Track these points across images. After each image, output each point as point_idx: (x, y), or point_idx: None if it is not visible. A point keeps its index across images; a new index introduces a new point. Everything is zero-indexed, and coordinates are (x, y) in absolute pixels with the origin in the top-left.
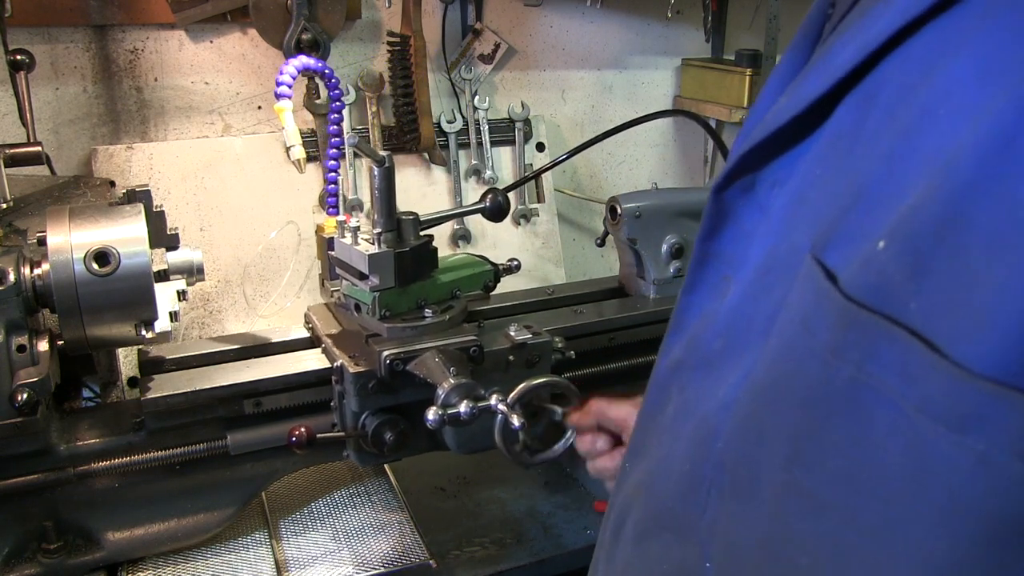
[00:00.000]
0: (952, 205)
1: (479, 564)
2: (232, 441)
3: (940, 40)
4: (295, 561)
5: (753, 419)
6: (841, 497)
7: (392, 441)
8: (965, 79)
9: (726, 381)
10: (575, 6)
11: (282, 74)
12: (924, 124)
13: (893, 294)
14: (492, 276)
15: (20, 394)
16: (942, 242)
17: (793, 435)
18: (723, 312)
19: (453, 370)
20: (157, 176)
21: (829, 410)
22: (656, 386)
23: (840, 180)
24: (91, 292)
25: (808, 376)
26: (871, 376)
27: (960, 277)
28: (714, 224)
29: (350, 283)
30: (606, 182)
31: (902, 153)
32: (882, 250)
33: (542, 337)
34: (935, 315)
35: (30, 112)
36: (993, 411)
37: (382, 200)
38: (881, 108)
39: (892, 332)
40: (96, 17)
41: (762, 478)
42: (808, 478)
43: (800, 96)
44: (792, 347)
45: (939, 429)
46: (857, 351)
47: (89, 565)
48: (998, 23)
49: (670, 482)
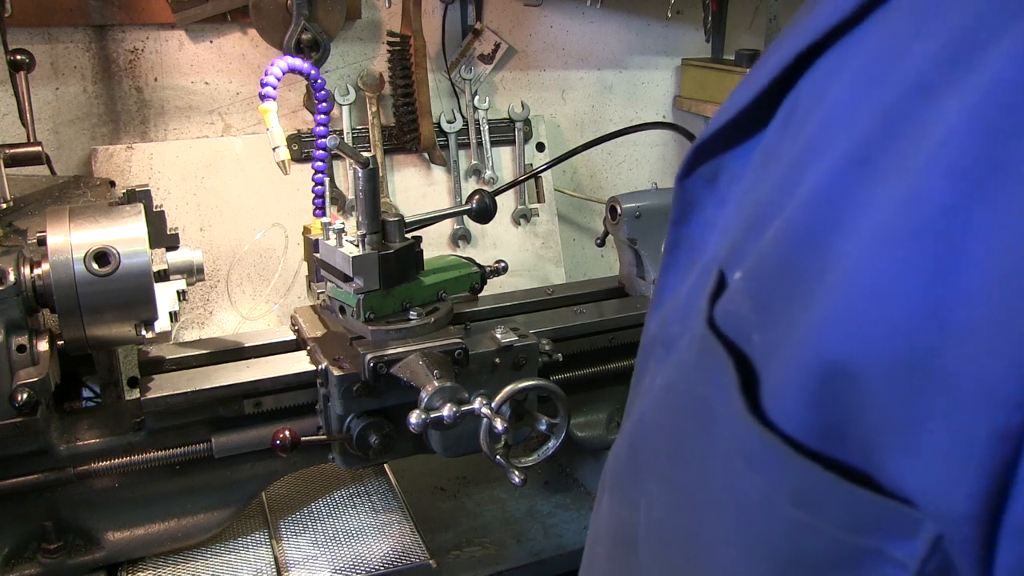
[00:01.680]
0: (791, 247)
1: (479, 564)
2: (216, 444)
3: (833, 63)
4: (295, 561)
5: (655, 411)
6: (695, 503)
7: (377, 444)
8: (842, 108)
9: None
10: (575, 6)
11: (267, 75)
12: (807, 157)
13: (741, 325)
14: (479, 278)
15: (20, 394)
16: (780, 284)
17: (675, 436)
18: (682, 298)
19: (437, 373)
20: (157, 176)
21: (690, 423)
22: (640, 355)
23: (752, 194)
24: (91, 292)
25: (680, 387)
26: (712, 400)
27: (785, 321)
28: (682, 211)
29: (335, 285)
30: (606, 182)
31: (788, 184)
32: (738, 281)
33: (528, 339)
34: (767, 352)
35: (30, 112)
36: (771, 458)
37: (366, 202)
38: (793, 127)
39: (724, 363)
40: (96, 17)
41: (658, 466)
42: (680, 478)
43: (739, 97)
44: (683, 355)
45: (740, 463)
46: (705, 373)
47: (89, 565)
48: (875, 44)
49: (621, 448)
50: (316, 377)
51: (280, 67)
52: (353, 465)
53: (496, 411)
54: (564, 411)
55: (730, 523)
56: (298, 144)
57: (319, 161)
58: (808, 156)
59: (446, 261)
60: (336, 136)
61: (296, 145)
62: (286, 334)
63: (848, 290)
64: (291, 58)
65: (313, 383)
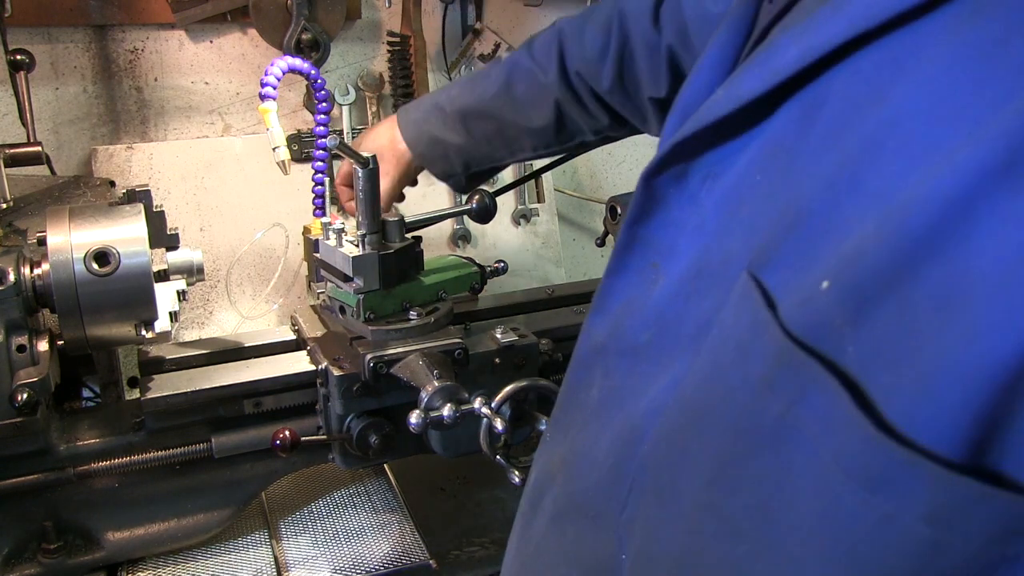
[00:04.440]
0: (902, 256)
1: (479, 564)
2: (216, 444)
3: (891, 59)
4: (295, 561)
5: (680, 432)
6: (755, 528)
7: (377, 444)
8: (916, 110)
9: (656, 381)
10: (575, 6)
11: (267, 75)
12: (870, 156)
13: (832, 336)
14: (478, 278)
15: (20, 394)
16: (888, 293)
17: (717, 458)
18: (651, 304)
19: (437, 373)
20: (157, 176)
21: (755, 442)
22: (579, 365)
23: (780, 195)
24: (91, 292)
25: (738, 404)
26: (797, 418)
27: (904, 333)
28: (643, 210)
29: (335, 285)
30: (606, 182)
31: (846, 185)
32: (825, 290)
33: (528, 339)
34: (872, 366)
35: (30, 112)
36: (906, 475)
37: (366, 202)
38: (824, 124)
39: (823, 378)
40: (96, 17)
41: (683, 491)
42: (726, 503)
43: (738, 92)
44: (725, 370)
45: (850, 483)
46: (789, 390)
47: (89, 565)
48: (955, 43)
49: (592, 471)
50: (316, 377)
51: (280, 67)
52: (353, 465)
53: (496, 411)
54: None
55: (819, 546)
56: (298, 144)
57: (319, 161)
58: (872, 156)
59: (446, 261)
60: (336, 136)
61: (296, 145)
62: (286, 334)
63: (1012, 294)
64: (291, 58)
65: (313, 383)
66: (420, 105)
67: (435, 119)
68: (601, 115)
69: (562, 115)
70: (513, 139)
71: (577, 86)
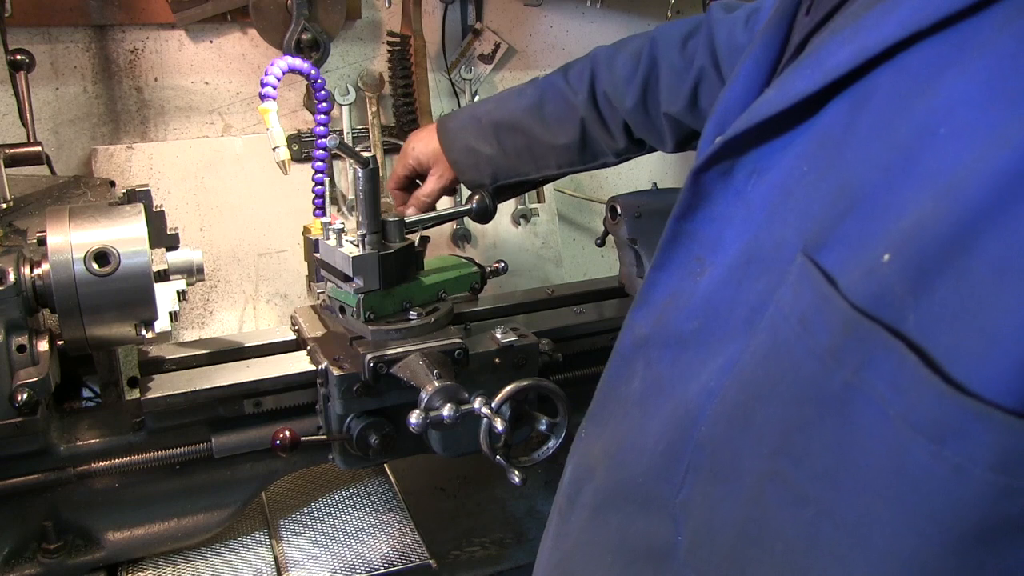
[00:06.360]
0: (960, 228)
1: (479, 564)
2: (216, 444)
3: (940, 54)
4: (295, 561)
5: (740, 408)
6: (822, 491)
7: (377, 444)
8: (968, 98)
9: (706, 366)
10: (575, 6)
11: (267, 75)
12: (923, 140)
13: (893, 305)
14: (478, 278)
15: (20, 394)
16: (948, 263)
17: (782, 428)
18: (699, 294)
19: (437, 373)
20: (157, 176)
21: (821, 409)
22: (620, 359)
23: (830, 181)
24: (91, 292)
25: (803, 374)
26: (864, 382)
27: (964, 298)
28: (690, 204)
29: (335, 285)
30: (606, 182)
31: (901, 166)
32: (887, 263)
33: (528, 339)
34: (934, 330)
35: (30, 112)
36: (975, 426)
37: (366, 202)
38: (873, 115)
39: (890, 343)
40: (96, 17)
41: (744, 465)
42: (792, 470)
43: (789, 91)
44: (788, 344)
45: (919, 439)
46: (855, 356)
47: (89, 565)
48: (1004, 38)
49: (641, 457)
50: (316, 377)
51: (280, 67)
52: (353, 465)
53: (496, 411)
54: (564, 411)
55: (890, 501)
56: (298, 144)
57: (319, 161)
58: (926, 140)
59: (446, 261)
60: (336, 136)
61: (296, 145)
62: (286, 334)
63: None
64: (291, 58)
65: (313, 383)
66: (458, 116)
67: (471, 128)
68: (620, 136)
69: (586, 134)
70: (540, 155)
71: (603, 106)
